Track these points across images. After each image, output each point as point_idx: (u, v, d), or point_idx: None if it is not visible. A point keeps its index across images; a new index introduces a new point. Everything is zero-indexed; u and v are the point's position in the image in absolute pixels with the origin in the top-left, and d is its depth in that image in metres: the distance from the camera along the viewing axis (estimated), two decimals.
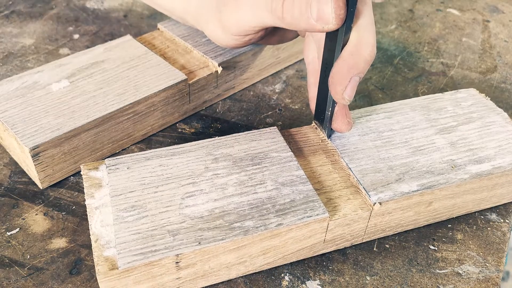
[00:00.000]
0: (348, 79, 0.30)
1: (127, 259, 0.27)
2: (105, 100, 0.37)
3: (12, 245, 0.32)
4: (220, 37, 0.36)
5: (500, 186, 0.34)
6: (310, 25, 0.29)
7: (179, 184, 0.31)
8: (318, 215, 0.29)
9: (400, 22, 0.57)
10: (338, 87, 0.30)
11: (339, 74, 0.30)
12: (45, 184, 0.35)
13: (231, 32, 0.35)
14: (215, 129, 0.41)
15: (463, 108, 0.38)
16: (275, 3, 0.30)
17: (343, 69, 0.30)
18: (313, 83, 0.36)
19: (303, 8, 0.29)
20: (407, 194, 0.31)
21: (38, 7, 0.55)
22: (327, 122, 0.34)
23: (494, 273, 0.32)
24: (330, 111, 0.33)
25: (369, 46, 0.29)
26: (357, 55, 0.29)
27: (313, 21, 0.28)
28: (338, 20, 0.28)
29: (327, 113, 0.34)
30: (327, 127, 0.34)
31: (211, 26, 0.37)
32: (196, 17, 0.38)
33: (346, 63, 0.30)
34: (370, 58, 0.30)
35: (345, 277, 0.31)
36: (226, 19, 0.34)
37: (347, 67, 0.30)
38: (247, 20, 0.33)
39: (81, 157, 0.36)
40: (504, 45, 0.54)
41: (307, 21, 0.29)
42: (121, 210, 0.29)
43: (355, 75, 0.30)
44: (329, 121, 0.34)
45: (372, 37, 0.29)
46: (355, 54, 0.29)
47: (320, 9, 0.28)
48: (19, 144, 0.33)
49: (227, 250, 0.28)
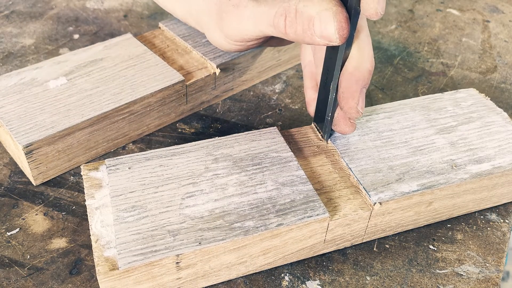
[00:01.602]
0: (359, 92, 0.31)
1: (128, 259, 0.27)
2: (101, 99, 0.37)
3: (12, 245, 0.32)
4: (221, 42, 0.36)
5: (500, 186, 0.34)
6: (313, 41, 0.29)
7: (179, 184, 0.31)
8: (318, 215, 0.29)
9: (400, 22, 0.57)
10: (351, 102, 0.31)
11: (350, 89, 0.31)
12: (38, 181, 0.35)
13: (232, 38, 0.35)
14: (215, 129, 0.41)
15: (462, 108, 0.38)
16: (277, 19, 0.30)
17: (352, 83, 0.31)
18: (310, 86, 0.36)
19: (305, 25, 0.29)
20: (407, 194, 0.31)
21: (38, 7, 0.55)
22: (326, 126, 0.34)
23: (494, 273, 0.32)
24: (330, 116, 0.33)
25: (370, 58, 0.31)
26: (362, 68, 0.30)
27: (317, 38, 0.29)
28: (342, 39, 0.28)
29: (327, 118, 0.34)
30: (327, 132, 0.34)
31: (212, 31, 0.36)
32: (197, 21, 0.38)
33: (353, 77, 0.31)
34: (372, 68, 0.31)
35: (345, 277, 0.31)
36: (227, 28, 0.34)
37: (355, 80, 0.31)
38: (249, 30, 0.33)
39: (76, 155, 0.36)
40: (504, 45, 0.54)
41: (310, 37, 0.29)
42: (122, 210, 0.29)
43: (362, 86, 0.31)
44: (329, 125, 0.34)
45: (371, 49, 0.31)
46: (360, 68, 0.30)
47: (324, 29, 0.28)
48: (13, 141, 0.34)
49: (227, 250, 0.28)
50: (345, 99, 0.31)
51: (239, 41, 0.35)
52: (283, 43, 0.40)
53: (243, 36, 0.34)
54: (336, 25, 0.27)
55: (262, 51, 0.44)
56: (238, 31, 0.34)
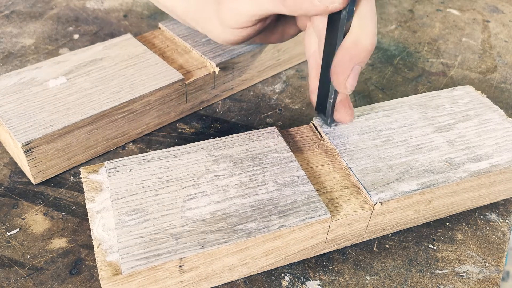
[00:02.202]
0: (350, 68, 0.30)
1: (131, 263, 0.26)
2: (100, 98, 0.37)
3: (12, 245, 0.32)
4: (218, 32, 0.36)
5: (497, 184, 0.34)
6: (313, 6, 0.28)
7: (180, 186, 0.30)
8: (320, 216, 0.29)
9: (400, 22, 0.57)
10: (341, 77, 0.30)
11: (341, 64, 0.30)
12: (37, 180, 0.35)
13: (229, 24, 0.34)
14: (215, 129, 0.41)
15: (460, 105, 0.38)
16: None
17: (345, 59, 0.30)
18: (314, 76, 0.35)
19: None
20: (408, 193, 0.31)
21: (38, 7, 0.55)
22: (329, 111, 0.34)
23: (494, 273, 0.32)
24: (332, 99, 0.33)
25: (370, 34, 0.29)
26: (359, 44, 0.29)
27: (317, 1, 0.28)
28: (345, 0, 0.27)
29: (329, 101, 0.33)
30: (329, 116, 0.34)
31: (209, 21, 0.36)
32: (195, 15, 0.38)
33: (348, 52, 0.29)
34: (371, 47, 0.29)
35: (345, 277, 0.31)
36: (224, 10, 0.34)
37: (349, 56, 0.29)
38: (246, 9, 0.32)
39: (75, 153, 0.36)
40: (504, 45, 0.54)
41: (310, 2, 0.28)
42: (123, 214, 0.29)
43: (356, 64, 0.30)
44: (331, 110, 0.34)
45: (373, 25, 0.29)
46: (357, 43, 0.29)
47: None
48: (13, 139, 0.34)
49: (230, 252, 0.28)
50: (336, 73, 0.30)
51: (236, 27, 0.34)
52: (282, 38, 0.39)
53: (240, 17, 0.33)
54: None
55: (262, 50, 0.44)
56: (235, 10, 0.33)
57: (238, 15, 0.33)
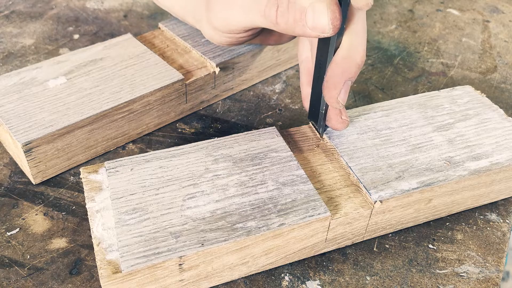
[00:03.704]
0: (342, 83, 0.30)
1: (130, 262, 0.26)
2: (100, 98, 0.37)
3: (12, 245, 0.32)
4: (213, 35, 0.36)
5: (497, 182, 0.34)
6: (305, 32, 0.29)
7: (180, 185, 0.31)
8: (320, 214, 0.29)
9: (400, 22, 0.57)
10: (333, 92, 0.31)
11: (333, 79, 0.30)
12: (37, 180, 0.36)
13: (221, 30, 0.34)
14: (215, 129, 0.41)
15: (459, 105, 0.38)
16: (268, 9, 0.30)
17: (337, 74, 0.30)
18: (306, 82, 0.36)
19: (297, 16, 0.28)
20: (407, 191, 0.31)
21: (38, 7, 0.55)
22: (321, 120, 0.34)
23: (494, 273, 0.32)
24: (324, 110, 0.33)
25: (361, 51, 0.30)
26: (350, 60, 0.30)
27: (308, 29, 0.28)
28: (335, 29, 0.28)
29: (321, 112, 0.34)
30: (321, 126, 0.35)
31: (204, 24, 0.36)
32: (194, 16, 0.38)
33: (339, 68, 0.30)
34: (361, 62, 0.30)
35: (345, 277, 0.31)
36: (214, 18, 0.34)
37: (340, 71, 0.30)
38: (238, 20, 0.32)
39: (75, 153, 0.36)
40: (504, 45, 0.54)
41: (302, 28, 0.29)
42: (123, 213, 0.29)
43: (347, 79, 0.30)
44: (323, 120, 0.34)
45: (363, 42, 0.30)
46: (348, 58, 0.30)
47: (316, 19, 0.28)
48: (13, 139, 0.34)
49: (230, 251, 0.28)
50: (327, 88, 0.31)
51: (228, 32, 0.34)
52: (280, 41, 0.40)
53: (231, 26, 0.33)
54: (330, 15, 0.27)
55: (262, 50, 0.44)
56: (225, 20, 0.33)
57: (229, 25, 0.33)
